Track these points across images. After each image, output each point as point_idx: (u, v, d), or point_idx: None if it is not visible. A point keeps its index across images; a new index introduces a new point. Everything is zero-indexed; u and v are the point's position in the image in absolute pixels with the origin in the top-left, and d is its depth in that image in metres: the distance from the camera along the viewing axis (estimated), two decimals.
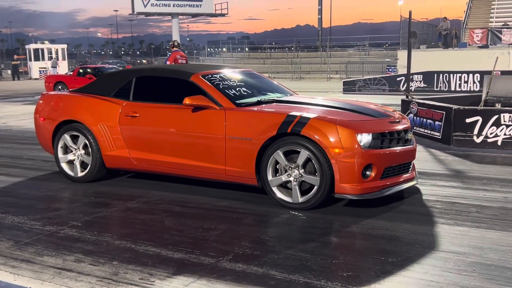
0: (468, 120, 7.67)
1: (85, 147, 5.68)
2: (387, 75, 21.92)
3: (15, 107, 15.01)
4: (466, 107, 7.91)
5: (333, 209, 4.59)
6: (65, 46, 40.80)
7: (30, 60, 37.48)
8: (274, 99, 5.33)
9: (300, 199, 4.54)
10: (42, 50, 37.50)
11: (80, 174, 5.73)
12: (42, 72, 35.52)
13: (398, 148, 4.69)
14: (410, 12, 10.25)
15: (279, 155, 4.56)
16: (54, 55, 37.12)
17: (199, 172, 5.07)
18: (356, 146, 4.34)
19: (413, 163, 5.15)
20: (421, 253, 3.56)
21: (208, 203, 4.83)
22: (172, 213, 4.55)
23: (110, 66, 21.09)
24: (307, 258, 3.48)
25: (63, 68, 35.63)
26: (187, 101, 4.91)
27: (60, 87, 17.02)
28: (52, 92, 6.46)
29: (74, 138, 5.75)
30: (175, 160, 5.15)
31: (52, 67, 34.51)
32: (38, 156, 7.26)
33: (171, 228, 4.13)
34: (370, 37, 37.13)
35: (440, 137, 8.08)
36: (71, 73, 18.30)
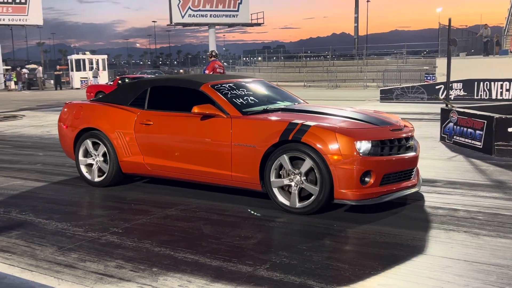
0: (510, 129, 7.46)
1: (104, 155, 5.96)
2: (426, 83, 21.55)
3: (57, 116, 15.40)
4: (508, 116, 7.70)
5: (367, 219, 4.55)
6: (105, 56, 41.87)
7: (72, 70, 38.56)
8: (281, 108, 5.49)
9: (298, 204, 4.70)
10: (84, 60, 38.59)
11: (97, 179, 6.03)
12: (83, 82, 36.57)
13: (398, 156, 4.78)
14: (449, 20, 10.09)
15: (285, 159, 4.71)
16: (95, 66, 38.13)
17: (208, 178, 5.29)
18: (355, 153, 4.46)
19: (417, 169, 5.26)
20: (463, 265, 3.48)
21: (245, 212, 4.86)
22: (209, 221, 4.59)
23: (149, 76, 21.50)
24: (345, 268, 3.46)
25: (103, 78, 36.57)
26: (195, 109, 5.15)
27: (100, 95, 17.48)
28: (74, 101, 6.78)
29: (95, 145, 6.05)
30: (185, 166, 5.39)
31: (93, 77, 35.49)
32: None
33: (209, 236, 4.18)
34: (407, 44, 36.61)
35: (481, 147, 7.88)
36: (112, 82, 18.75)
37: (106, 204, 5.27)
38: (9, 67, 46.77)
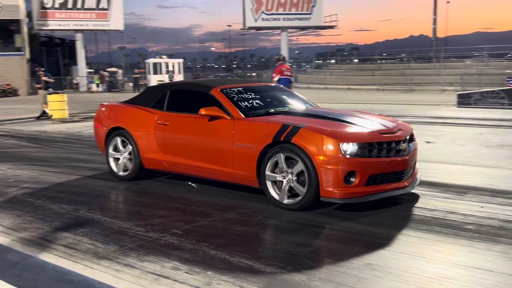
0: None
1: (129, 153, 6.56)
2: (507, 87, 20.36)
3: None
4: None
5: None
6: (181, 60, 43.19)
7: (149, 73, 40.11)
8: (284, 111, 5.91)
9: (285, 201, 5.05)
10: (160, 64, 40.04)
11: (121, 173, 6.65)
12: None
13: (386, 158, 4.96)
14: None
15: (281, 158, 5.03)
16: (170, 69, 39.43)
17: (213, 174, 5.74)
18: (340, 154, 4.71)
19: (415, 171, 5.50)
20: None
21: (304, 218, 4.79)
22: (267, 226, 4.57)
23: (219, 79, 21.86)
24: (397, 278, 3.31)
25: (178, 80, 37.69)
26: (202, 111, 5.62)
27: None
28: (106, 103, 7.46)
29: (123, 142, 6.66)
30: (194, 163, 5.87)
31: (169, 80, 36.64)
32: None
33: (265, 241, 4.15)
34: (490, 47, 34.80)
35: None
36: None
37: (169, 205, 5.38)
38: (92, 70, 49.40)
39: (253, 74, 72.30)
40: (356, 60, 48.10)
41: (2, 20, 35.95)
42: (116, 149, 6.73)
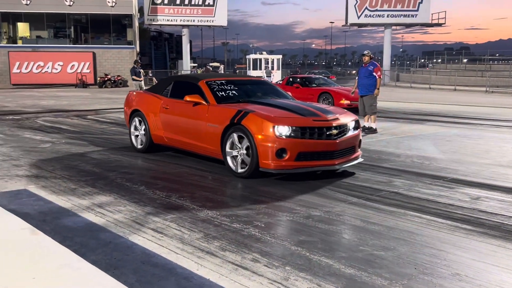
0: None
1: (144, 130, 8.22)
2: None
3: None
4: None
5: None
6: (280, 56, 43.57)
7: (249, 69, 40.92)
8: (253, 100, 7.17)
9: (239, 170, 6.41)
10: (260, 60, 40.67)
11: (139, 146, 8.35)
12: None
13: (315, 140, 6.19)
14: None
15: (234, 137, 6.44)
16: (270, 65, 39.88)
17: (196, 149, 7.24)
18: (273, 135, 6.02)
19: (358, 153, 6.87)
20: None
21: (391, 221, 4.62)
22: (352, 227, 4.45)
23: (317, 76, 21.75)
24: None
25: (277, 77, 38.04)
26: (186, 98, 7.17)
27: None
28: (132, 91, 9.36)
29: (140, 123, 8.35)
30: (184, 139, 7.41)
31: (266, 76, 37.08)
32: None
33: (348, 242, 4.05)
34: None
35: None
36: (281, 81, 19.34)
37: (256, 198, 5.43)
38: (195, 64, 51.31)
39: (353, 71, 70.97)
40: (465, 60, 45.49)
41: (116, 15, 38.50)
42: (136, 127, 8.46)
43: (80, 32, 39.48)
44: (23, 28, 38.96)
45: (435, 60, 54.31)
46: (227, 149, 6.54)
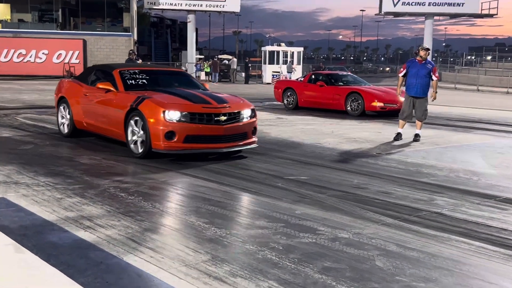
0: None
1: (69, 116, 10.14)
2: None
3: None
4: None
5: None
6: (301, 49, 43.43)
7: (265, 63, 40.81)
8: (161, 89, 8.98)
9: (139, 152, 8.22)
10: (278, 52, 40.51)
11: (65, 132, 10.35)
12: (274, 76, 38.32)
13: (203, 125, 8.04)
14: None
15: (132, 122, 8.24)
16: (289, 59, 39.72)
17: (108, 133, 9.10)
18: (163, 119, 7.84)
19: (251, 139, 8.80)
20: None
21: (434, 247, 4.58)
22: (386, 252, 4.42)
23: (344, 72, 21.70)
24: None
25: (297, 73, 37.85)
26: (98, 85, 9.09)
27: (289, 93, 18.12)
28: (63, 79, 11.68)
29: (65, 108, 10.31)
30: (99, 124, 9.28)
31: (287, 72, 36.89)
32: (254, 167, 7.88)
33: (381, 270, 4.02)
34: None
35: None
36: (303, 78, 19.29)
37: (271, 215, 5.42)
38: (201, 56, 51.46)
39: (387, 68, 70.74)
40: None
41: None
42: (62, 114, 10.37)
43: (69, 16, 39.85)
44: (3, 10, 39.38)
45: (484, 58, 53.99)
46: (128, 132, 8.34)
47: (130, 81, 9.17)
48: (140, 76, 9.42)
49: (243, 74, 43.31)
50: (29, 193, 6.00)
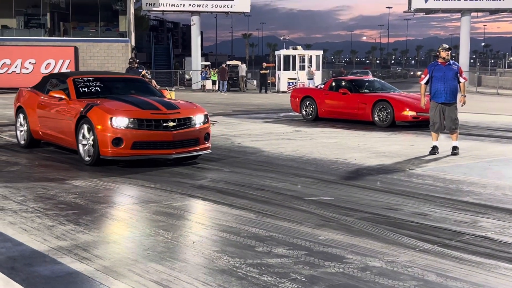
0: None
1: (27, 125, 11.13)
2: None
3: (254, 125, 16.59)
4: None
5: None
6: (320, 52, 43.33)
7: (279, 69, 40.79)
8: (115, 96, 10.06)
9: (86, 159, 9.32)
10: (294, 57, 40.42)
11: (22, 142, 11.41)
12: (290, 84, 38.27)
13: (151, 131, 9.07)
14: None
15: (84, 129, 9.23)
16: (307, 63, 39.59)
17: (63, 142, 10.23)
18: (110, 125, 8.83)
19: (205, 145, 9.83)
20: None
21: (480, 276, 4.54)
22: (424, 283, 4.39)
23: (370, 77, 21.67)
24: None
25: (316, 79, 37.76)
26: (51, 93, 10.32)
27: (307, 103, 18.08)
28: (22, 88, 12.52)
29: (24, 118, 11.26)
30: (53, 133, 10.38)
31: (308, 79, 36.64)
32: (270, 187, 7.84)
33: None
34: None
35: None
36: (323, 85, 19.28)
37: (291, 241, 5.41)
38: (207, 63, 51.67)
39: (418, 73, 70.52)
40: None
41: None
42: (21, 124, 11.38)
43: (58, 20, 40.28)
44: None
45: None
46: (79, 139, 9.33)
47: (83, 89, 10.30)
48: (94, 84, 10.55)
49: (255, 82, 43.35)
50: (17, 221, 6.04)
